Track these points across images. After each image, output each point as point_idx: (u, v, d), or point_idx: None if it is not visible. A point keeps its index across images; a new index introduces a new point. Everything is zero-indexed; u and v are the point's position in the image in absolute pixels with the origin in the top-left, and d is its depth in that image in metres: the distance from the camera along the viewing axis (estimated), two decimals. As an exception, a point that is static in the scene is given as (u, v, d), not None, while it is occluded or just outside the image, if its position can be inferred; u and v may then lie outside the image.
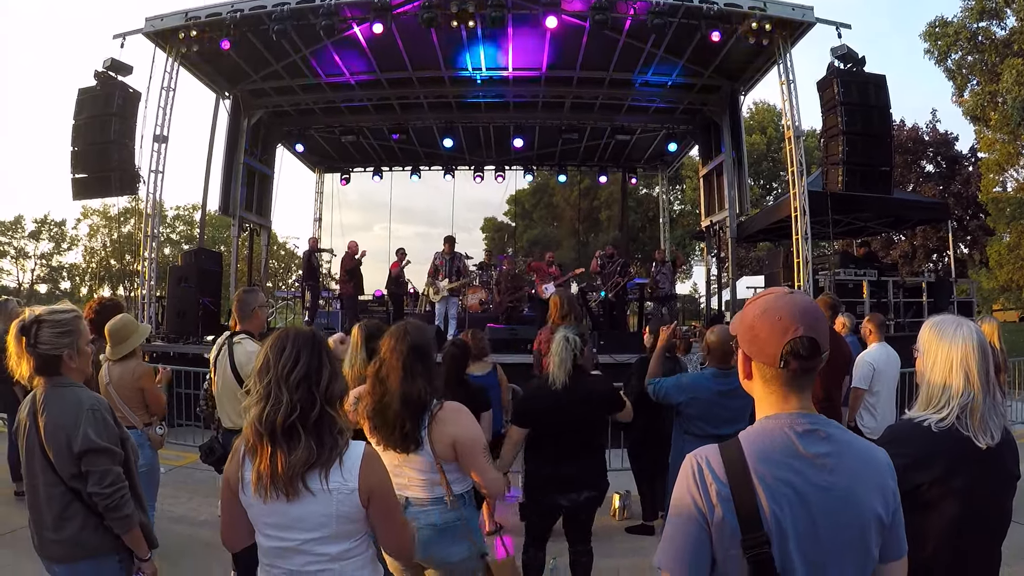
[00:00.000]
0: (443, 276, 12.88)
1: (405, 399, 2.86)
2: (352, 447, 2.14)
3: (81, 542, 2.69)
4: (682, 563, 1.53)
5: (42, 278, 60.04)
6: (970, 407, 2.13)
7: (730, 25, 12.31)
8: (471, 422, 2.96)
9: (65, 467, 2.66)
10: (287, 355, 2.09)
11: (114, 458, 2.73)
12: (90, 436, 2.64)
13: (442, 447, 2.87)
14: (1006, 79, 24.06)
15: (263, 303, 4.67)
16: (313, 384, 2.08)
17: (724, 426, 4.22)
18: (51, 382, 2.75)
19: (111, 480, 2.67)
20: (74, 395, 2.74)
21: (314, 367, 2.10)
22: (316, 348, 2.15)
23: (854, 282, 12.83)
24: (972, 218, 35.12)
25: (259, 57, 14.54)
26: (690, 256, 38.10)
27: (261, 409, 2.06)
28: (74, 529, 2.68)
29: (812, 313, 1.58)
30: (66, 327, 2.75)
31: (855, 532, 1.52)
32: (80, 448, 2.63)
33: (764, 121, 41.99)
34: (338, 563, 2.13)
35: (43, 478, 2.70)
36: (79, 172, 12.88)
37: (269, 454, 2.04)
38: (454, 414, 2.93)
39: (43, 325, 2.72)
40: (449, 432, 2.87)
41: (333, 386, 2.14)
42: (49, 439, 2.66)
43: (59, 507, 2.68)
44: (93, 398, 2.77)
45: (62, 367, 2.75)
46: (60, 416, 2.68)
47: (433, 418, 2.88)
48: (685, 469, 1.59)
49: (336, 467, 2.07)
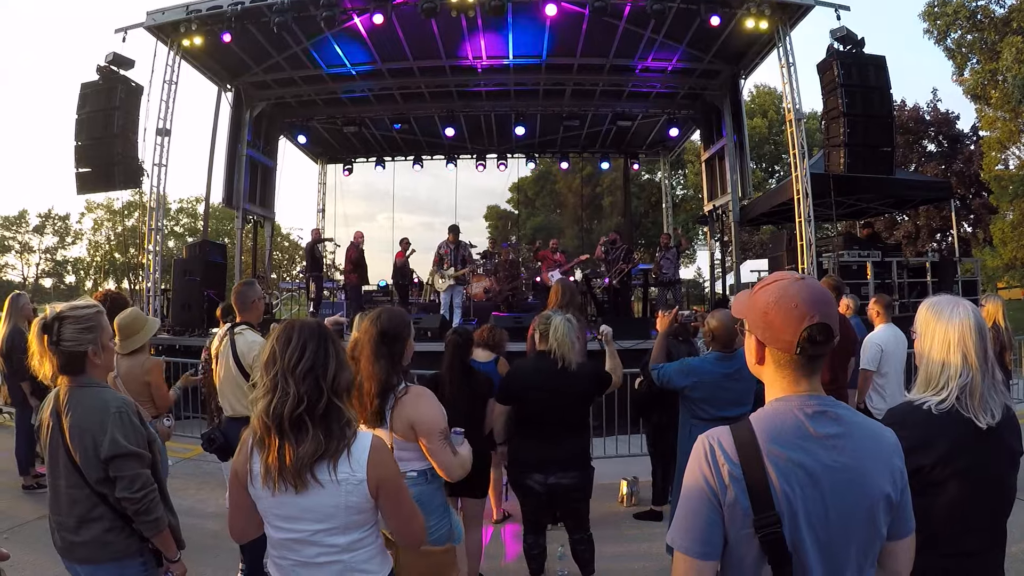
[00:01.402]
0: (448, 265, 12.90)
1: (370, 378, 2.99)
2: (360, 437, 2.15)
3: (105, 544, 2.65)
4: (695, 542, 1.54)
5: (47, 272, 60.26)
6: (969, 387, 2.13)
7: (729, 9, 12.30)
8: (430, 407, 3.03)
9: (92, 471, 2.61)
10: (293, 346, 2.10)
11: (143, 461, 2.69)
12: (118, 440, 2.59)
13: (400, 426, 2.98)
14: (1006, 57, 23.95)
15: (261, 295, 4.86)
16: (320, 376, 2.08)
17: (729, 408, 4.24)
18: (75, 381, 2.68)
19: (140, 484, 2.63)
20: (99, 396, 2.69)
21: (320, 358, 2.11)
22: (322, 339, 2.15)
23: (858, 263, 12.81)
24: (975, 197, 34.98)
25: (260, 49, 14.56)
26: (694, 241, 37.97)
27: (268, 402, 2.06)
28: (99, 531, 2.65)
29: (826, 299, 1.60)
30: (89, 322, 2.68)
31: (864, 511, 1.54)
32: (108, 453, 2.59)
33: (765, 104, 41.77)
34: (347, 554, 2.13)
35: (67, 480, 2.66)
36: (83, 166, 12.90)
37: (277, 447, 2.04)
38: (415, 398, 3.03)
39: (65, 321, 2.63)
40: (407, 414, 2.97)
41: (340, 377, 2.14)
42: (74, 442, 2.61)
43: (84, 509, 2.64)
44: (119, 400, 2.73)
45: (87, 364, 2.68)
46: (85, 418, 2.63)
47: (397, 400, 2.99)
48: (697, 450, 1.61)
49: (344, 458, 2.07)
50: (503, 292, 14.24)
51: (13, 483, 6.88)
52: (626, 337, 10.22)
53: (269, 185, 18.36)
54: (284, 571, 2.18)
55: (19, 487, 6.83)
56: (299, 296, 18.53)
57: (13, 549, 5.38)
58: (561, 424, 4.29)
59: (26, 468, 6.94)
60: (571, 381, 4.26)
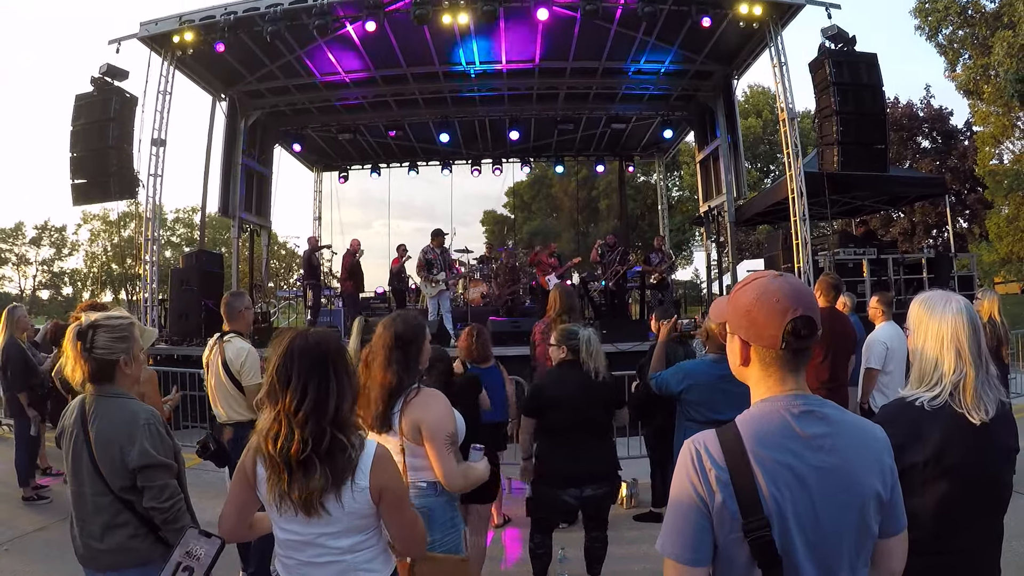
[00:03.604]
0: (439, 270, 12.89)
1: (380, 383, 2.98)
2: (366, 447, 2.17)
3: (130, 550, 2.69)
4: (684, 549, 1.54)
5: (44, 284, 60.18)
6: (963, 383, 2.13)
7: (720, 9, 12.29)
8: (439, 408, 3.00)
9: (116, 480, 2.66)
10: (293, 387, 2.09)
11: (171, 472, 2.74)
12: (148, 451, 2.64)
13: (408, 428, 2.95)
14: (997, 51, 24.01)
15: (248, 305, 5.10)
16: (321, 416, 2.08)
17: (726, 411, 4.18)
18: (101, 391, 2.74)
19: (169, 494, 2.69)
20: (127, 408, 2.74)
21: (322, 397, 2.09)
22: (323, 370, 2.13)
23: (854, 261, 12.81)
24: (970, 192, 35.07)
25: (254, 58, 14.54)
26: (690, 242, 38.04)
27: (275, 439, 2.09)
28: (123, 537, 2.68)
29: (807, 293, 1.61)
30: (122, 332, 2.75)
31: (855, 511, 1.53)
32: (138, 463, 2.63)
33: (759, 104, 41.86)
34: (350, 555, 2.18)
35: (91, 487, 2.69)
36: (78, 177, 12.90)
37: (287, 480, 2.07)
38: (426, 398, 3.00)
39: (100, 330, 2.70)
40: (416, 415, 2.95)
41: (343, 407, 2.13)
42: (100, 451, 2.66)
43: (108, 516, 2.68)
44: (148, 411, 2.77)
45: (116, 373, 2.75)
46: (112, 428, 2.68)
47: (407, 402, 2.97)
48: (684, 456, 1.60)
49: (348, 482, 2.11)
50: (503, 296, 14.24)
51: (13, 494, 6.88)
52: (623, 339, 10.25)
53: (265, 194, 18.32)
54: (290, 570, 2.23)
55: (19, 498, 6.84)
56: (296, 304, 18.51)
57: (13, 561, 5.42)
58: (592, 434, 4.36)
59: (26, 479, 6.94)
60: (602, 391, 4.37)
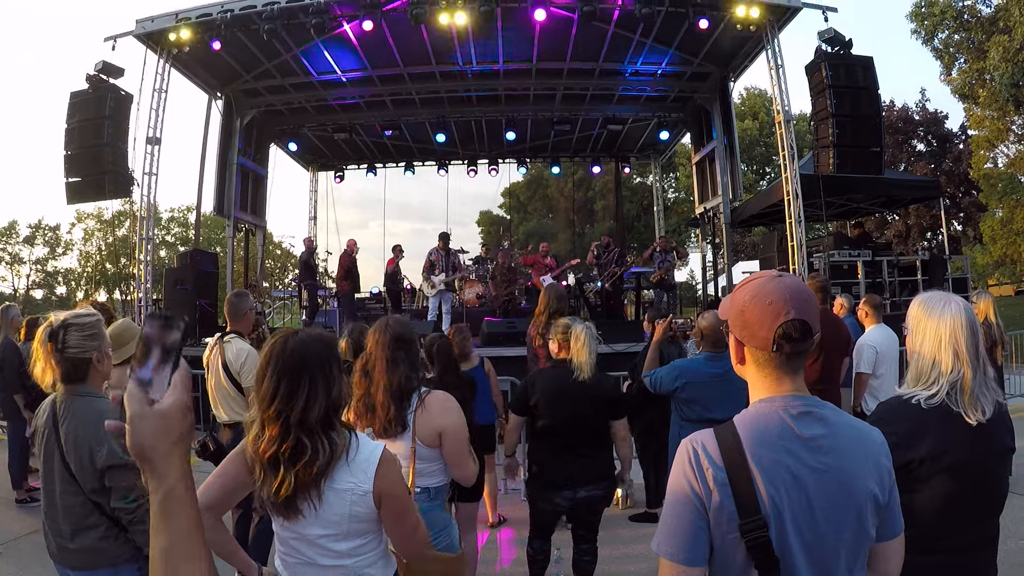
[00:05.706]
0: (440, 271, 12.90)
1: (388, 386, 2.95)
2: (368, 449, 2.16)
3: (101, 551, 2.66)
4: (680, 548, 1.53)
5: (38, 283, 59.79)
6: (960, 384, 2.13)
7: (718, 12, 12.32)
8: (459, 413, 3.01)
9: (87, 480, 2.63)
10: (265, 389, 2.09)
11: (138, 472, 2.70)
12: (116, 451, 2.57)
13: (427, 434, 2.94)
14: (992, 56, 24.11)
15: (252, 306, 5.07)
16: (308, 423, 2.06)
17: (719, 410, 4.19)
18: (73, 390, 2.71)
19: (136, 495, 2.63)
20: (96, 407, 2.69)
21: (310, 404, 2.07)
22: (295, 374, 2.09)
23: (849, 263, 12.86)
24: (964, 195, 35.28)
25: (250, 57, 14.51)
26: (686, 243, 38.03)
27: (254, 440, 2.09)
28: (93, 539, 2.65)
29: (802, 295, 1.58)
30: (92, 330, 2.74)
31: (852, 512, 1.52)
32: (105, 463, 2.59)
33: (756, 106, 41.98)
34: (350, 558, 2.16)
35: (61, 487, 2.66)
36: (72, 176, 12.84)
37: (261, 480, 2.07)
38: (442, 403, 3.00)
39: (71, 329, 2.68)
40: (437, 422, 2.94)
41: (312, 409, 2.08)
42: (70, 451, 2.63)
43: (78, 517, 2.65)
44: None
45: (89, 371, 2.73)
46: (82, 428, 2.64)
47: (421, 404, 2.96)
48: (681, 455, 1.59)
49: (345, 469, 2.09)
50: (500, 297, 14.24)
51: (6, 496, 6.85)
52: (619, 340, 10.25)
53: (260, 193, 18.28)
54: (290, 568, 2.21)
55: (12, 501, 6.81)
56: (292, 304, 18.48)
57: (7, 565, 5.39)
58: (586, 435, 4.24)
59: (19, 482, 6.91)
60: (591, 392, 4.20)
